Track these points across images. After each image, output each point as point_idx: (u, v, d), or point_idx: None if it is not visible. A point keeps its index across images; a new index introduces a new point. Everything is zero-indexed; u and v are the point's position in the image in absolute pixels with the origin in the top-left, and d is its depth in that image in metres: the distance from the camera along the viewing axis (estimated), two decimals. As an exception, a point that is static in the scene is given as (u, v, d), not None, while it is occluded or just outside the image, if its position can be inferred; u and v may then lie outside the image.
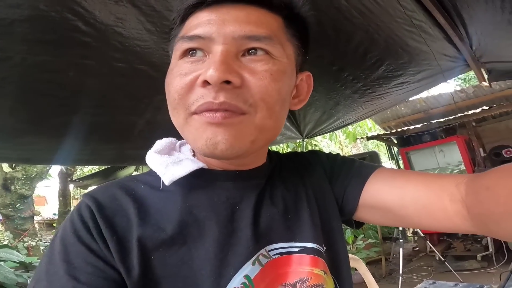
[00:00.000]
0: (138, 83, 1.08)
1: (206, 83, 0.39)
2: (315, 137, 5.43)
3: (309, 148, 6.00)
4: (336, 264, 0.49)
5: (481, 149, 4.00)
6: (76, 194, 10.43)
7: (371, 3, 0.93)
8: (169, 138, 0.53)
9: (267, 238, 0.44)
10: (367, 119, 5.20)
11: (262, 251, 0.43)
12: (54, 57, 0.90)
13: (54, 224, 9.59)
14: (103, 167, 4.76)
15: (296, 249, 0.45)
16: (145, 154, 0.49)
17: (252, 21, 0.42)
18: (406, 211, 0.47)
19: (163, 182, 0.43)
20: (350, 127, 5.40)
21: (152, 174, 0.46)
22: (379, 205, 0.50)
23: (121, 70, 1.01)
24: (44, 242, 5.40)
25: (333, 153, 0.62)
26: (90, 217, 0.39)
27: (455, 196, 0.42)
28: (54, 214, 10.15)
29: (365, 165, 0.55)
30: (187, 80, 0.41)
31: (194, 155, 0.50)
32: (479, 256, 3.47)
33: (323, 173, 0.56)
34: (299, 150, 5.52)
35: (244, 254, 0.41)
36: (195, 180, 0.46)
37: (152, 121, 1.28)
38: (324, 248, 0.47)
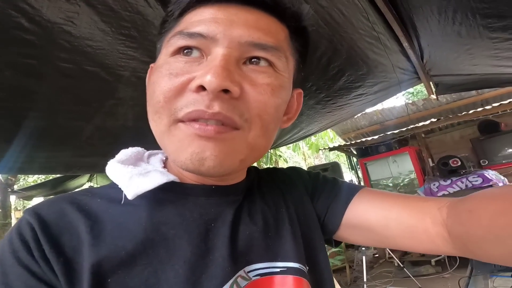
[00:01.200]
0: (87, 85, 0.99)
1: (200, 88, 0.35)
2: (279, 148, 5.50)
3: (274, 158, 6.04)
4: (320, 285, 0.46)
5: (429, 159, 4.32)
6: (19, 206, 9.58)
7: (336, 13, 0.95)
8: (136, 147, 0.47)
9: (246, 258, 0.40)
10: (328, 130, 5.40)
11: (241, 272, 0.39)
12: (-13, 55, 0.79)
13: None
14: (50, 177, 4.31)
15: (278, 270, 0.41)
16: (92, 162, 0.43)
17: (261, 27, 0.39)
18: (390, 232, 0.46)
19: (125, 195, 0.38)
20: (313, 138, 5.56)
21: (113, 186, 0.40)
22: (362, 225, 0.49)
23: (67, 71, 0.91)
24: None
25: (313, 171, 0.60)
26: (31, 236, 0.34)
27: (437, 219, 0.42)
28: (-7, 227, 9.15)
29: (348, 184, 0.55)
30: (177, 82, 0.36)
31: (164, 167, 0.45)
32: (433, 261, 3.69)
33: (304, 190, 0.54)
34: (264, 160, 5.54)
35: (220, 276, 0.37)
36: (164, 195, 0.41)
37: (102, 127, 1.18)
38: (307, 268, 0.44)
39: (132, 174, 0.39)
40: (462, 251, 0.41)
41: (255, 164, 0.51)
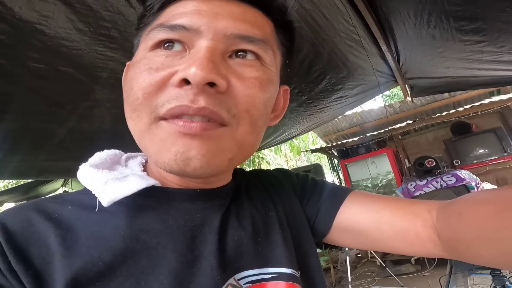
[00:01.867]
0: (60, 87, 0.94)
1: (184, 82, 0.32)
2: (262, 150, 5.51)
3: (257, 161, 6.05)
4: None
5: (406, 160, 4.47)
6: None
7: (319, 16, 0.96)
8: (112, 150, 0.44)
9: (236, 265, 0.38)
10: (310, 132, 5.48)
11: (231, 280, 0.37)
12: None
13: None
14: (22, 181, 4.07)
15: (270, 276, 0.40)
16: (66, 166, 0.40)
17: (247, 20, 0.37)
18: (381, 235, 0.46)
19: (100, 202, 0.35)
20: (295, 140, 5.62)
21: (85, 192, 0.37)
22: (353, 228, 0.48)
23: (39, 71, 0.87)
24: None
25: (301, 173, 0.59)
26: None
27: (427, 222, 0.42)
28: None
29: (338, 187, 0.54)
30: (158, 77, 0.33)
31: (144, 171, 0.42)
32: (413, 260, 3.79)
33: (293, 192, 0.53)
34: (246, 163, 5.52)
35: (209, 286, 0.35)
36: (144, 200, 0.38)
37: (76, 130, 1.13)
38: (299, 272, 0.43)
39: (108, 179, 0.37)
40: (452, 254, 0.41)
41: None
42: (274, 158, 9.10)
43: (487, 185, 3.37)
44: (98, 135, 1.17)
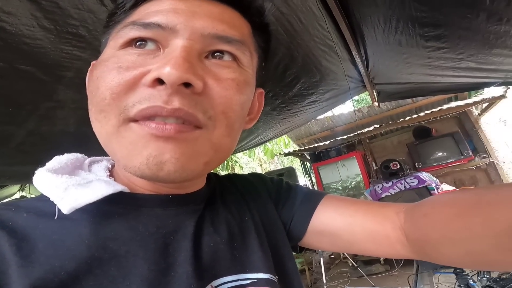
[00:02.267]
0: (19, 86, 0.87)
1: (157, 82, 0.31)
2: (236, 154, 5.48)
3: (230, 164, 6.01)
4: None
5: (373, 163, 4.67)
6: None
7: (295, 21, 0.97)
8: (74, 153, 0.41)
9: (213, 272, 0.37)
10: (283, 136, 5.55)
11: (208, 287, 0.36)
12: None
13: None
14: None
15: (248, 282, 0.39)
16: (24, 171, 0.37)
17: (225, 20, 0.36)
18: (354, 238, 0.47)
19: (59, 209, 0.32)
20: (268, 144, 5.66)
21: (42, 199, 0.34)
22: (328, 231, 0.49)
23: (-6, 69, 0.80)
24: None
25: (275, 177, 0.59)
26: None
27: (395, 224, 0.44)
28: None
29: (312, 191, 0.54)
30: (128, 76, 0.32)
31: (110, 176, 0.39)
32: (381, 259, 3.95)
33: (268, 197, 0.53)
34: (220, 166, 5.46)
35: None
36: (111, 207, 0.36)
37: (36, 132, 1.04)
38: (277, 277, 0.42)
39: (68, 185, 0.34)
40: (420, 255, 0.42)
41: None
42: (247, 162, 9.11)
43: (446, 186, 3.61)
44: (61, 138, 1.09)
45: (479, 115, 4.11)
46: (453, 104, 3.94)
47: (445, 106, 3.92)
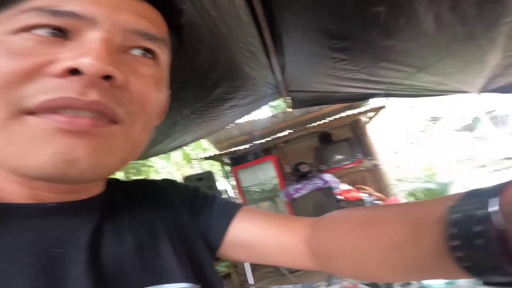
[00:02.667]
0: None
1: (69, 73, 0.28)
2: (150, 158, 5.14)
3: (144, 169, 5.59)
4: None
5: (287, 166, 5.04)
6: None
7: (222, 24, 0.97)
8: None
9: (121, 285, 0.34)
10: (202, 140, 5.47)
11: None
12: None
13: None
14: None
15: None
16: None
17: (148, 17, 0.35)
18: (268, 250, 0.49)
19: None
20: (186, 148, 5.49)
21: None
22: (245, 242, 0.50)
23: None
24: None
25: (190, 185, 0.58)
26: None
27: (302, 236, 0.46)
28: None
29: (229, 202, 0.55)
30: (26, 63, 0.28)
31: None
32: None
33: (182, 204, 0.51)
34: (133, 171, 5.03)
35: None
36: None
37: None
38: (200, 286, 0.41)
39: None
40: (323, 267, 0.46)
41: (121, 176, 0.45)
42: (164, 166, 8.64)
43: (343, 186, 4.17)
44: None
45: (367, 122, 4.88)
46: (349, 112, 4.60)
47: (343, 114, 4.54)
